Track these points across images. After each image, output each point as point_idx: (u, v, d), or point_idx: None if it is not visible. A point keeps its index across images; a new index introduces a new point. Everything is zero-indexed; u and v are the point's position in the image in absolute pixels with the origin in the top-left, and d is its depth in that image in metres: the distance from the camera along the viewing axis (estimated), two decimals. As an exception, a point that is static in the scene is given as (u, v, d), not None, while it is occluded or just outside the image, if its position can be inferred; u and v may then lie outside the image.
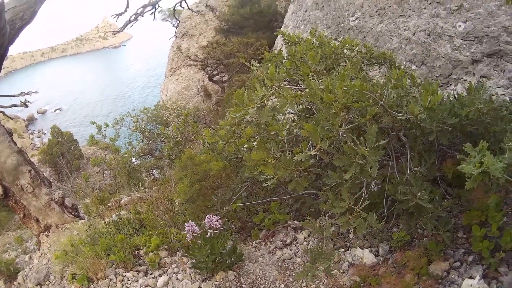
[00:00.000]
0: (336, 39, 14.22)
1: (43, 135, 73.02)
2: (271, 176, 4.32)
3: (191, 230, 6.07)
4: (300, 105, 5.52)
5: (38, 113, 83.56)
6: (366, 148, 4.08)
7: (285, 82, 6.67)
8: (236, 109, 4.58)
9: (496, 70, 9.30)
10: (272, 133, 4.59)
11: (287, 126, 4.42)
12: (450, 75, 10.24)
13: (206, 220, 6.19)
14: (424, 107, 4.32)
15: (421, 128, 4.58)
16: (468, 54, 9.81)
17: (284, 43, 7.86)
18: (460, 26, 10.05)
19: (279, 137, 4.49)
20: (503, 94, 9.10)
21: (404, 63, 11.27)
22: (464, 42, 9.89)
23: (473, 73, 9.72)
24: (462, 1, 10.07)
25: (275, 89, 4.63)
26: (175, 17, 26.50)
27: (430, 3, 10.92)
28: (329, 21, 15.11)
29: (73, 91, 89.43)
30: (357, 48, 7.39)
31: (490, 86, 9.32)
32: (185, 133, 16.63)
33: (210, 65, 28.06)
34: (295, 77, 6.06)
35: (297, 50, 6.20)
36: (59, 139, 31.84)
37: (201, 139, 12.97)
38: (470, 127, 4.90)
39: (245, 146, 6.33)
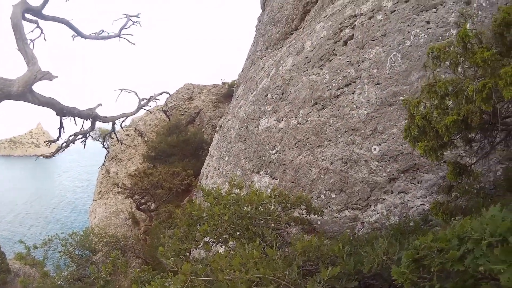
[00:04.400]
0: (258, 172, 14.47)
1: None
2: None
3: None
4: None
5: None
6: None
7: (207, 238, 6.82)
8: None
9: (413, 183, 9.70)
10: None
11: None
12: (369, 197, 10.54)
13: None
14: (324, 280, 4.41)
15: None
16: (384, 174, 10.21)
17: (203, 198, 8.03)
18: (375, 149, 10.53)
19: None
20: (423, 204, 9.42)
21: (324, 192, 11.56)
22: (380, 164, 10.32)
23: (391, 191, 10.07)
24: (376, 124, 10.64)
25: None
26: (105, 148, 26.56)
27: (345, 131, 11.44)
28: (251, 154, 15.45)
29: (1, 196, 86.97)
30: (274, 199, 7.60)
31: (409, 200, 9.67)
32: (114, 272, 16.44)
33: (137, 194, 27.89)
34: (213, 238, 6.19)
35: (214, 212, 6.37)
36: (-15, 249, 30.14)
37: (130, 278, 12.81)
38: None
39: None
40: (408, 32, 10.87)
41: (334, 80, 12.45)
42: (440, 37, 10.00)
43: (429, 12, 10.70)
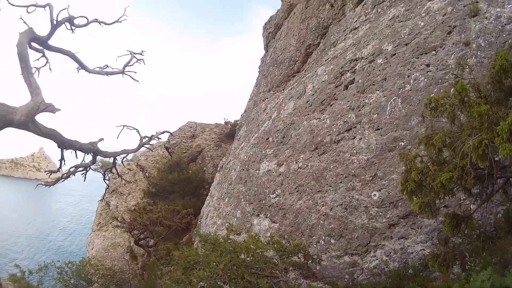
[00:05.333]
0: (258, 215, 14.41)
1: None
2: None
3: None
4: None
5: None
6: None
7: (202, 283, 6.80)
8: None
9: (413, 229, 9.63)
10: None
11: None
12: (369, 243, 10.43)
13: None
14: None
15: None
16: (384, 220, 10.14)
17: (200, 244, 8.03)
18: (375, 195, 10.49)
19: None
20: (423, 249, 9.33)
21: (323, 237, 11.48)
22: (380, 210, 10.25)
23: (391, 236, 9.98)
24: (376, 170, 10.63)
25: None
26: (105, 182, 26.35)
27: (346, 177, 11.42)
28: (252, 197, 15.38)
29: (4, 214, 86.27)
30: (271, 246, 7.60)
31: (409, 245, 9.58)
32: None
33: (136, 229, 27.68)
34: (209, 284, 6.19)
35: (210, 259, 6.38)
36: (-21, 268, 29.96)
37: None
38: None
39: None
40: (408, 76, 10.99)
41: (334, 125, 12.50)
42: (440, 80, 10.10)
43: (429, 54, 10.83)
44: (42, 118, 14.10)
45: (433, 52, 10.78)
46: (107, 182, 24.36)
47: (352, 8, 17.33)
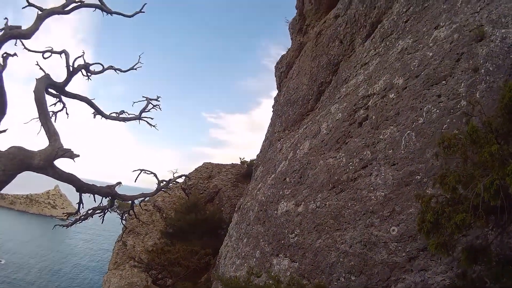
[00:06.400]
0: (277, 255, 14.43)
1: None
2: None
3: None
4: None
5: (-25, 256, 79.06)
6: None
7: None
8: None
9: (433, 260, 9.59)
10: None
11: None
12: (389, 277, 10.41)
13: None
14: None
15: None
16: (404, 254, 10.14)
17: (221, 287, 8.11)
18: (394, 230, 10.51)
19: None
20: (443, 279, 9.27)
21: (344, 275, 11.46)
22: (399, 244, 10.27)
23: (411, 269, 9.96)
24: (393, 205, 10.69)
25: None
26: (122, 223, 26.46)
27: (364, 214, 11.48)
28: (270, 237, 15.43)
29: (16, 248, 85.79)
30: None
31: (429, 277, 9.51)
32: None
33: (154, 269, 27.70)
34: None
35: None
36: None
37: None
38: None
39: None
40: (421, 109, 11.07)
41: (350, 163, 12.62)
42: (452, 110, 10.12)
43: (439, 85, 10.91)
44: (60, 160, 14.14)
45: (443, 81, 10.85)
46: (124, 223, 24.60)
47: (361, 43, 17.64)
